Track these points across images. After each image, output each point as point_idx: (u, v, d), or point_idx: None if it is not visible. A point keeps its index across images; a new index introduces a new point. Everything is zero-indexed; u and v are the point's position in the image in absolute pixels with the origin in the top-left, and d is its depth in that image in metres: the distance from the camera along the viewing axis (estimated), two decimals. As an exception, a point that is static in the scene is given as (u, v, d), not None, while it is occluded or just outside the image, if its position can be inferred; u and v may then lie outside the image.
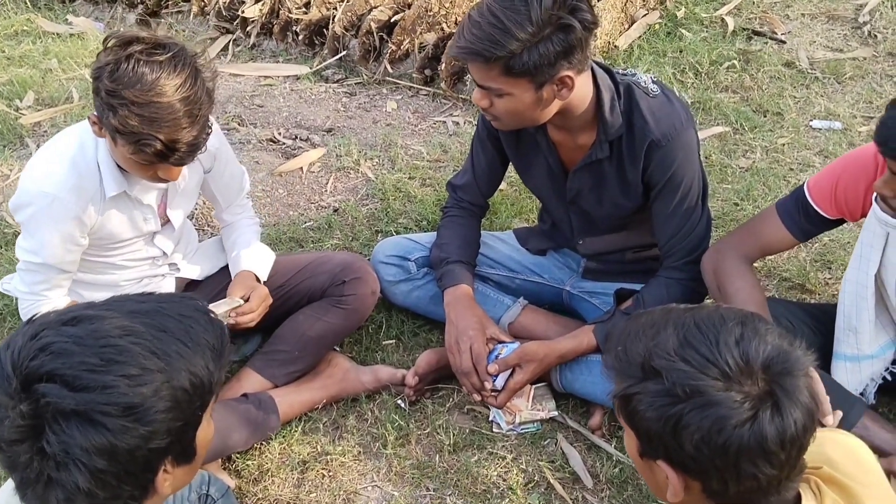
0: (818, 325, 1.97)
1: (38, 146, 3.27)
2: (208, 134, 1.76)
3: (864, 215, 1.77)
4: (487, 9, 1.73)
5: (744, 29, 3.83)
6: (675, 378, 1.06)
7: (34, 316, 1.13)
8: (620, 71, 1.99)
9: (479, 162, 2.22)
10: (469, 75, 3.20)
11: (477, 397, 2.05)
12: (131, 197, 1.92)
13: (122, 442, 1.05)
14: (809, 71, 3.51)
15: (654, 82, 1.96)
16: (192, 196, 2.10)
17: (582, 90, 1.86)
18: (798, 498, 1.15)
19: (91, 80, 1.68)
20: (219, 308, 1.98)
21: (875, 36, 3.74)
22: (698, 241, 2.02)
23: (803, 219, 1.87)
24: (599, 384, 2.02)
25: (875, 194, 1.67)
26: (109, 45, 1.65)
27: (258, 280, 2.12)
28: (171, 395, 1.08)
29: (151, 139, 1.64)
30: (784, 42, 3.73)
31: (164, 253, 2.12)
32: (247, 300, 2.02)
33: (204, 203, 2.89)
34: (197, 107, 1.67)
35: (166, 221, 2.06)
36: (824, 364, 1.93)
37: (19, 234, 1.97)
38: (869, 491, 1.17)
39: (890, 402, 2.10)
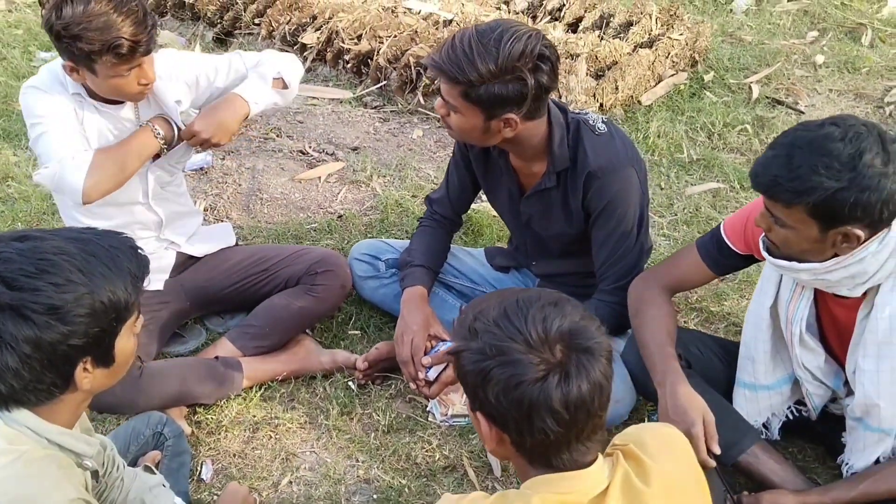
0: (728, 356, 2.11)
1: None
2: (154, 21, 2.06)
3: (769, 253, 1.92)
4: (467, 37, 1.96)
5: (767, 97, 3.98)
6: (487, 339, 1.27)
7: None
8: (575, 111, 2.21)
9: (452, 181, 2.47)
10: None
11: (413, 386, 2.26)
12: (86, 101, 2.16)
13: (46, 335, 1.31)
14: (820, 141, 3.62)
15: (603, 122, 2.18)
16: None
17: (531, 130, 2.08)
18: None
19: (50, 36, 2.01)
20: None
21: (894, 116, 3.82)
22: (629, 268, 2.19)
23: (717, 253, 2.03)
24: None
25: (761, 238, 1.83)
26: (47, 3, 1.98)
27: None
28: (90, 304, 1.35)
29: (118, 41, 1.96)
30: (803, 113, 3.86)
31: (161, 219, 2.37)
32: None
33: (227, 197, 3.23)
34: (130, 3, 1.99)
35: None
36: (728, 393, 2.07)
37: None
38: (660, 468, 1.33)
39: (803, 444, 2.20)
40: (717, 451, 1.83)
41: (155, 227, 2.41)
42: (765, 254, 1.83)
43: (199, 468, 2.17)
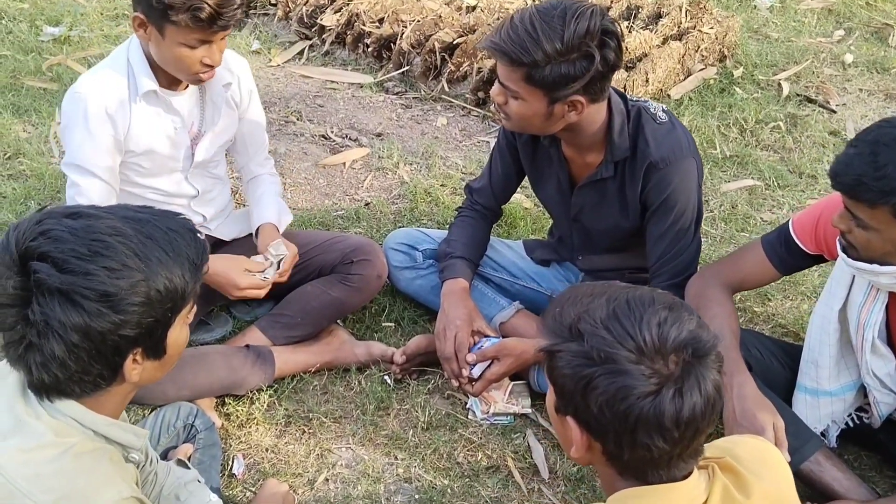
0: (789, 360, 2.03)
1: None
2: (244, 1, 1.96)
3: (841, 253, 1.84)
4: (528, 16, 1.85)
5: (797, 95, 3.90)
6: (594, 343, 1.14)
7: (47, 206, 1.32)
8: (633, 98, 2.11)
9: (496, 169, 2.37)
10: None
11: (455, 383, 2.17)
12: (160, 97, 2.09)
13: (96, 324, 1.20)
14: (854, 141, 3.55)
15: (663, 111, 2.08)
16: (223, 134, 2.26)
17: (593, 115, 1.99)
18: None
19: None
20: (269, 272, 2.19)
21: (928, 117, 3.75)
22: (686, 265, 2.10)
23: (785, 251, 1.94)
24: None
25: (838, 238, 1.74)
26: None
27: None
28: (145, 292, 1.23)
29: (200, 3, 1.85)
30: (835, 112, 3.78)
31: (197, 192, 2.30)
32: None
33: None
34: None
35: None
36: (788, 398, 1.98)
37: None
38: (760, 482, 1.23)
39: (858, 451, 2.12)
40: (788, 458, 1.74)
41: (190, 199, 2.31)
42: (842, 256, 1.74)
43: (230, 462, 2.07)
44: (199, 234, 1.35)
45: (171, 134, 2.16)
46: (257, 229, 2.32)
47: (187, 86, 2.14)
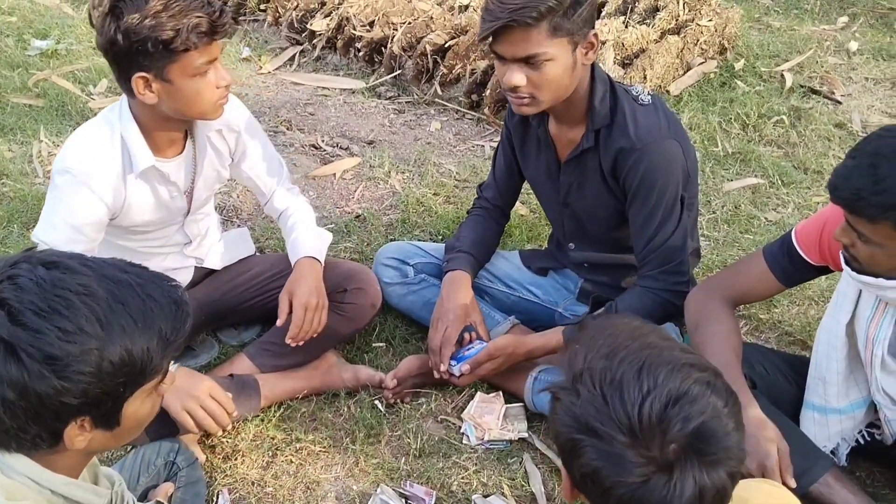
0: (795, 375, 1.93)
1: (101, 129, 3.50)
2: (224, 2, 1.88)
3: (847, 264, 1.74)
4: None
5: (801, 86, 3.79)
6: (585, 410, 1.03)
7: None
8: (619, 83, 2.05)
9: (499, 164, 2.34)
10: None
11: (437, 375, 2.16)
12: (159, 170, 2.00)
13: (35, 385, 1.11)
14: (861, 133, 3.44)
15: (650, 95, 2.01)
16: (213, 181, 2.19)
17: (586, 71, 1.94)
18: None
19: (114, 51, 1.78)
20: None
21: (937, 106, 3.64)
22: (674, 250, 2.02)
23: (788, 263, 1.85)
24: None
25: (841, 252, 1.65)
26: (100, 12, 1.79)
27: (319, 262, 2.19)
28: (96, 362, 1.13)
29: (197, 20, 1.76)
30: (840, 103, 3.67)
31: (190, 241, 2.23)
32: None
33: (237, 195, 3.04)
34: None
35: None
36: (795, 415, 1.89)
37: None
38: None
39: (871, 468, 2.03)
40: (793, 484, 1.65)
41: (182, 246, 2.25)
42: (846, 269, 1.65)
43: (215, 498, 1.99)
44: (183, 308, 1.23)
45: (167, 202, 2.08)
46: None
47: (180, 150, 2.05)
